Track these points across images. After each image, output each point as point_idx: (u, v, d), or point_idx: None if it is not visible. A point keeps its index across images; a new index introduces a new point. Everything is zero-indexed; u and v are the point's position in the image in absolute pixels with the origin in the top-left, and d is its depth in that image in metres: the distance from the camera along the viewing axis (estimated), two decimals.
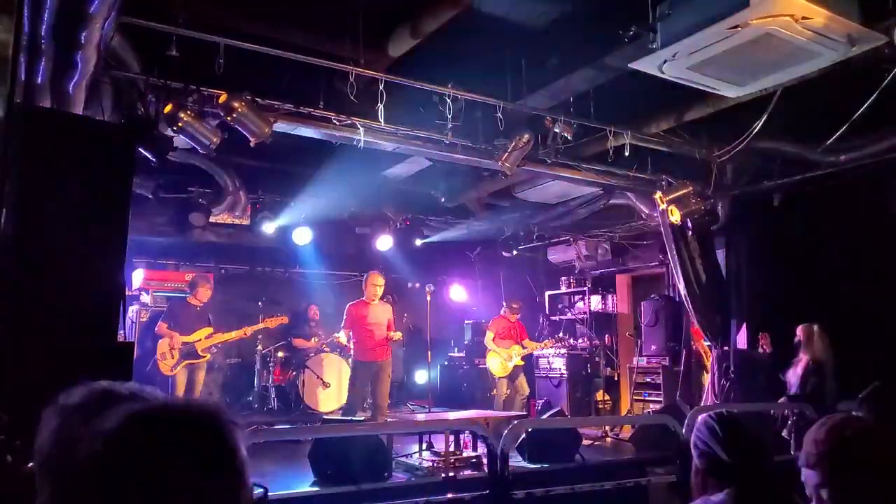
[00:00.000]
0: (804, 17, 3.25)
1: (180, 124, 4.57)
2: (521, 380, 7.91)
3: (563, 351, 8.63)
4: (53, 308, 3.29)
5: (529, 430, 5.56)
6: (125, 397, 0.96)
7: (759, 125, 5.41)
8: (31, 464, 0.98)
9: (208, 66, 4.41)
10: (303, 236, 8.44)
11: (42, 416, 1.02)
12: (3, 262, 3.11)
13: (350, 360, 7.57)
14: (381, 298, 6.87)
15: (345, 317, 6.80)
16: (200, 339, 6.69)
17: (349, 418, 6.42)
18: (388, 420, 6.69)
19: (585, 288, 9.43)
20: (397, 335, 6.75)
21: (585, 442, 6.17)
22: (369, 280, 6.77)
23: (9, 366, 3.02)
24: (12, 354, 3.06)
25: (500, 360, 7.88)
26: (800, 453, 1.58)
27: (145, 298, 8.23)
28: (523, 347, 7.93)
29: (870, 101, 4.72)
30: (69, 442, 0.84)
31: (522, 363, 7.95)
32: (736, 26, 3.34)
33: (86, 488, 0.76)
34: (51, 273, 3.32)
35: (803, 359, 5.71)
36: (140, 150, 4.38)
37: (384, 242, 8.91)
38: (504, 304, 8.29)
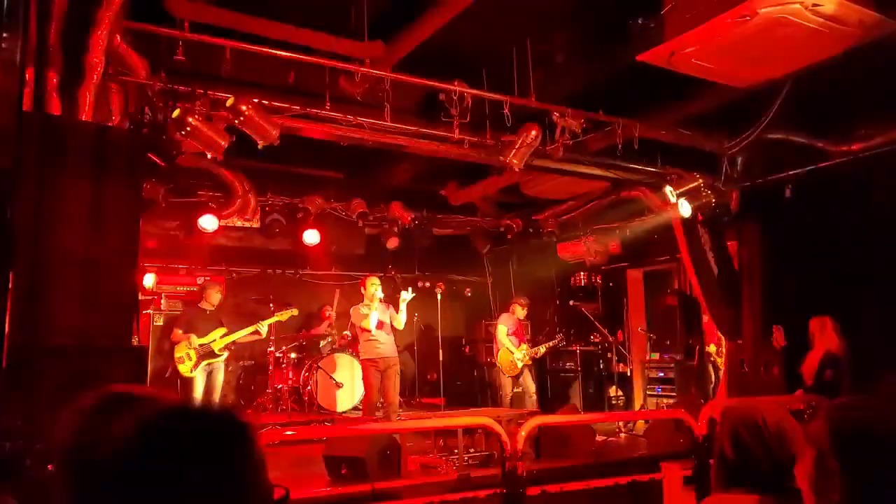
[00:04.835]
0: (814, 5, 3.22)
1: (188, 128, 4.59)
2: (526, 377, 7.88)
3: (575, 347, 8.60)
4: (67, 313, 3.31)
5: (543, 427, 5.55)
6: (142, 400, 0.96)
7: (769, 116, 5.36)
8: (50, 466, 0.98)
9: (215, 68, 4.43)
10: (312, 237, 8.46)
11: (60, 418, 1.03)
12: (17, 268, 3.13)
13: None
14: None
15: (351, 318, 6.88)
16: (216, 339, 6.83)
17: (364, 417, 6.44)
18: (401, 419, 6.70)
19: (596, 283, 9.38)
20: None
21: (599, 438, 6.15)
22: (366, 283, 6.78)
23: (24, 370, 3.05)
24: (27, 359, 3.09)
25: (510, 359, 7.85)
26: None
27: (160, 302, 8.29)
28: (531, 347, 7.91)
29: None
30: (88, 444, 0.85)
31: (530, 363, 7.91)
32: (745, 15, 3.31)
33: (105, 489, 0.77)
34: (64, 278, 3.35)
35: (817, 351, 5.66)
36: (149, 154, 4.40)
37: (393, 242, 8.92)
38: (513, 302, 8.26)
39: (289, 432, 6.26)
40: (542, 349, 8.04)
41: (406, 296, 6.77)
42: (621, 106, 5.84)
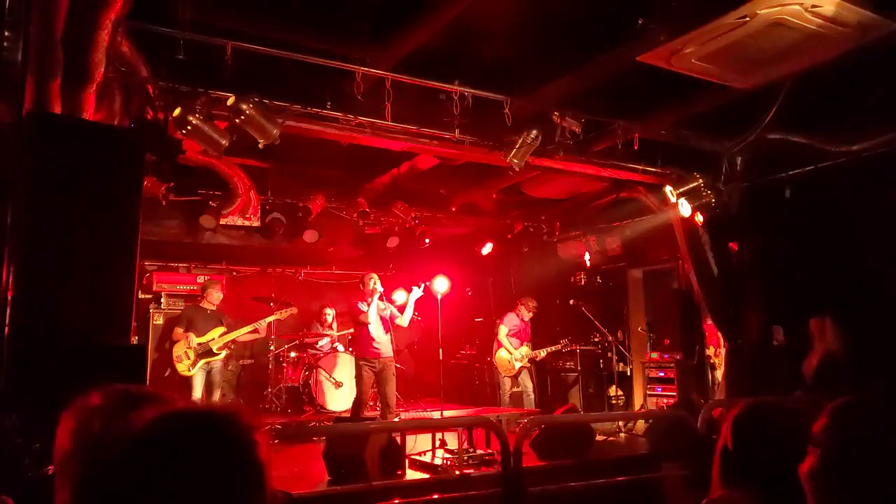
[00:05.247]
0: (813, 6, 3.23)
1: (189, 127, 4.59)
2: (524, 377, 7.89)
3: (575, 347, 8.61)
4: (66, 312, 3.31)
5: (542, 426, 5.56)
6: (143, 400, 0.96)
7: (769, 116, 5.37)
8: (50, 466, 0.99)
9: (216, 68, 4.43)
10: (313, 237, 8.47)
11: (60, 418, 1.03)
12: (17, 266, 3.14)
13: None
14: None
15: (350, 313, 6.86)
16: (214, 339, 6.81)
17: (359, 417, 6.42)
18: (401, 418, 6.71)
19: (596, 283, 9.38)
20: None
21: (599, 437, 6.16)
22: (366, 278, 6.77)
23: (22, 368, 3.05)
24: (25, 357, 3.09)
25: (508, 359, 7.86)
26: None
27: (161, 301, 8.30)
28: (532, 349, 7.92)
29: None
30: (89, 443, 0.85)
31: (529, 365, 7.92)
32: (744, 16, 3.31)
33: (111, 489, 0.77)
34: (63, 276, 3.35)
35: (817, 351, 5.66)
36: (150, 153, 4.40)
37: (394, 241, 8.93)
38: (520, 302, 8.24)
39: (288, 431, 6.28)
40: (542, 353, 8.05)
41: (417, 292, 6.76)
42: (621, 106, 5.84)
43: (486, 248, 9.50)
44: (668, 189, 6.62)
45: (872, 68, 4.62)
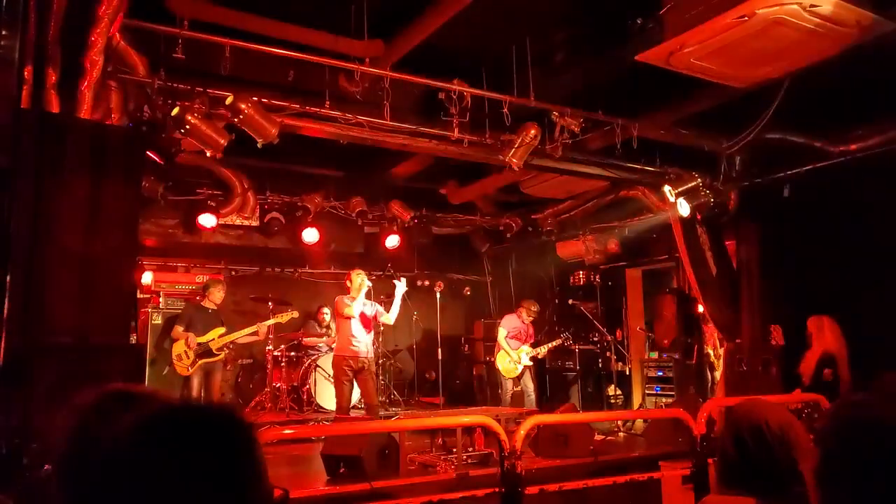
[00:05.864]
0: (812, 5, 3.23)
1: (187, 126, 4.58)
2: (526, 377, 7.88)
3: (574, 346, 8.62)
4: (65, 311, 3.31)
5: (541, 426, 5.56)
6: (141, 399, 0.96)
7: (767, 116, 5.37)
8: (47, 466, 0.98)
9: (214, 66, 4.42)
10: (311, 236, 8.46)
11: (57, 418, 1.03)
12: (15, 265, 3.13)
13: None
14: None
15: (335, 308, 6.74)
16: (214, 339, 6.79)
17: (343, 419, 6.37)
18: (399, 416, 6.69)
19: (595, 282, 9.39)
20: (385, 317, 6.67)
21: (597, 437, 6.16)
22: (352, 275, 6.66)
23: (21, 369, 3.05)
24: (24, 357, 3.09)
25: (509, 360, 7.86)
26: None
27: (158, 301, 8.28)
28: (532, 348, 7.92)
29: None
30: (87, 443, 0.85)
31: (531, 364, 7.92)
32: (743, 16, 3.31)
33: (103, 488, 0.77)
34: (61, 276, 3.35)
35: (816, 350, 5.67)
36: (148, 152, 4.40)
37: (393, 240, 8.92)
38: (522, 305, 8.24)
39: (287, 431, 6.27)
40: (543, 349, 8.04)
41: (400, 286, 6.63)
42: (620, 105, 5.84)
43: (485, 248, 9.42)
44: (666, 189, 6.62)
45: (871, 68, 4.62)
